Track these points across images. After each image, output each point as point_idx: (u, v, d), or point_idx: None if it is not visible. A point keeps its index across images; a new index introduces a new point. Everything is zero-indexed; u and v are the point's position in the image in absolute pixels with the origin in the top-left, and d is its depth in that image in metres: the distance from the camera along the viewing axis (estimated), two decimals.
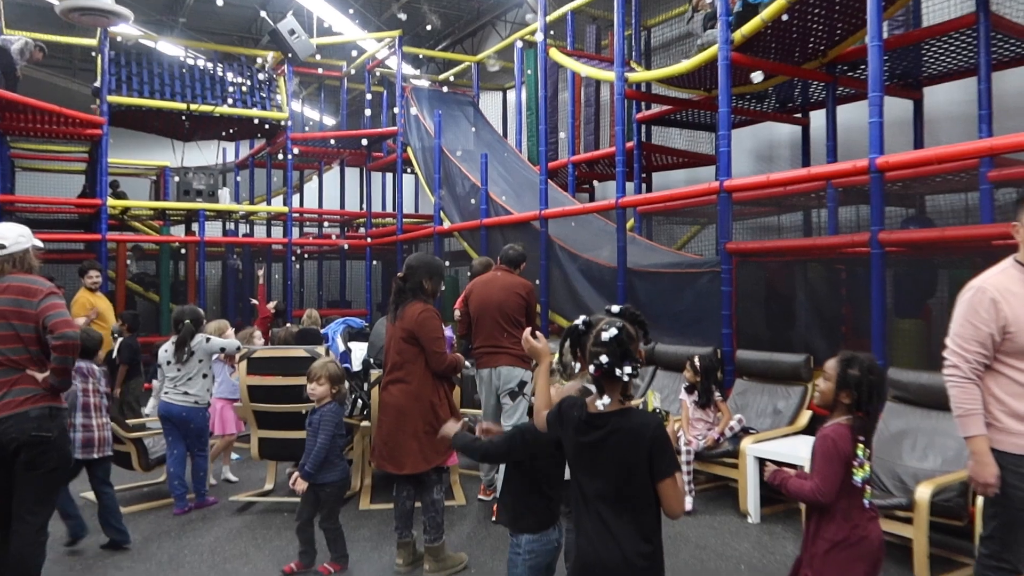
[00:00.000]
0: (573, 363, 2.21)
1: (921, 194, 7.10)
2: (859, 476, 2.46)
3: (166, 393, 5.26)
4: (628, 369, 2.05)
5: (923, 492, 3.71)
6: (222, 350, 5.42)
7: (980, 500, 3.56)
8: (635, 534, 2.11)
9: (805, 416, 5.25)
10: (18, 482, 3.35)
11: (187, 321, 5.27)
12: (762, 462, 4.79)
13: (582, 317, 2.18)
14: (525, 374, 5.10)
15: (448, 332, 4.91)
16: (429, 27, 13.32)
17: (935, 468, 4.10)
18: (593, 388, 2.14)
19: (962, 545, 4.00)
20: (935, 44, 6.49)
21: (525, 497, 2.72)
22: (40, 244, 3.61)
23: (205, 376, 5.29)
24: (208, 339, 5.34)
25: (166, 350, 5.34)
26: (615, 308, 2.18)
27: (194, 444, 5.28)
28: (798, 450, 4.72)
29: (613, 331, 2.05)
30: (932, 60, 6.91)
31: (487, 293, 5.32)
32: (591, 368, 2.08)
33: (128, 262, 12.38)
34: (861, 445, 2.48)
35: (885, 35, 6.42)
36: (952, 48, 6.53)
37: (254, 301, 10.11)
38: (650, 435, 2.09)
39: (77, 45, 12.11)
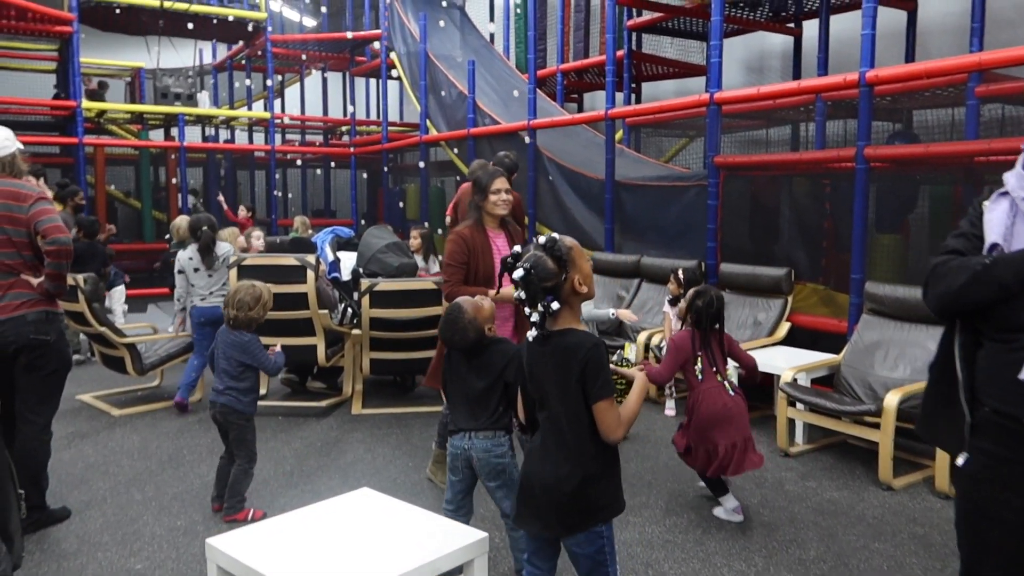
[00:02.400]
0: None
1: (909, 108, 7.09)
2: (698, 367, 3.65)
3: (202, 299, 5.41)
4: (540, 308, 2.07)
5: (891, 399, 3.89)
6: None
7: None
8: (568, 457, 2.12)
9: (784, 328, 5.41)
10: (20, 384, 3.43)
11: (204, 228, 5.37)
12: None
13: (515, 248, 2.20)
14: None
15: None
16: None
17: (904, 377, 4.28)
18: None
19: (923, 449, 4.24)
20: None
21: (484, 398, 2.79)
22: (22, 147, 3.58)
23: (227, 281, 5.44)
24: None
25: (191, 258, 5.46)
26: (542, 239, 2.14)
27: None
28: (775, 360, 4.89)
29: (520, 271, 2.06)
30: None
31: None
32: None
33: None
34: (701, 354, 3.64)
35: None
36: None
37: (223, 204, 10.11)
38: (583, 356, 2.06)
39: None
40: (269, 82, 12.02)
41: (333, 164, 14.08)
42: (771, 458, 4.44)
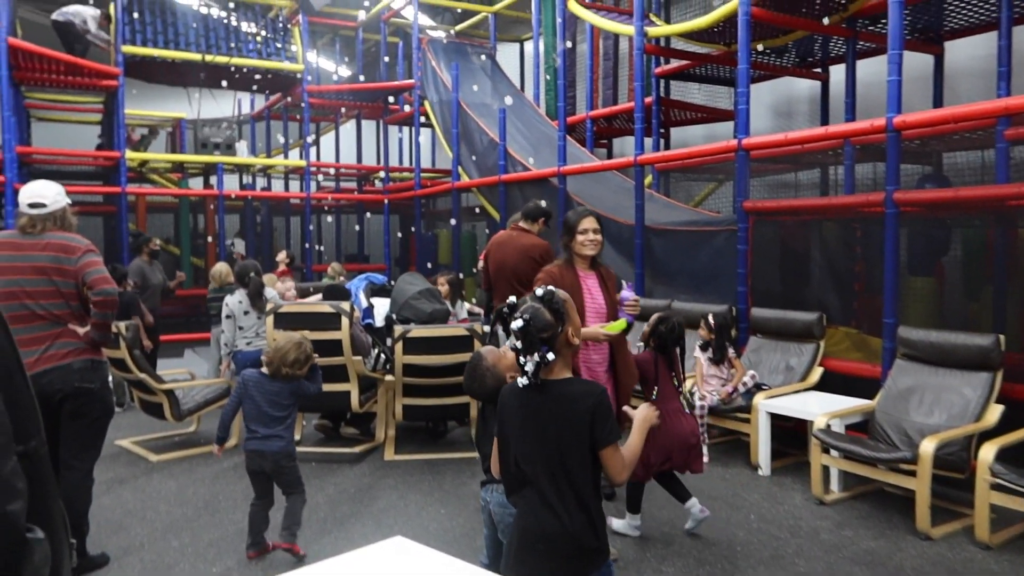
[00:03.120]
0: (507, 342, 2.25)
1: (938, 151, 7.09)
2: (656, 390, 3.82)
3: (247, 343, 5.70)
4: (536, 358, 2.10)
5: (927, 446, 3.84)
6: None
7: (981, 454, 3.71)
8: (574, 503, 2.13)
9: (817, 373, 5.37)
10: (64, 431, 3.53)
11: (252, 275, 5.64)
12: (774, 417, 4.96)
13: (511, 298, 2.28)
14: None
15: None
16: None
17: (940, 423, 4.22)
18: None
19: (963, 496, 4.16)
20: None
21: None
22: (70, 202, 3.74)
23: None
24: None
25: (240, 302, 5.76)
26: (540, 291, 2.21)
27: None
28: (808, 405, 4.86)
29: (519, 322, 2.11)
30: (954, 14, 6.84)
31: (502, 256, 5.29)
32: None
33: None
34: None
35: None
36: (974, 2, 6.46)
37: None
38: (591, 403, 2.11)
39: None
40: (305, 131, 12.35)
41: (368, 215, 14.34)
42: (806, 506, 4.38)
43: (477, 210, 10.65)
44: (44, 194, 3.54)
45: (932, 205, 5.27)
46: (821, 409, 4.67)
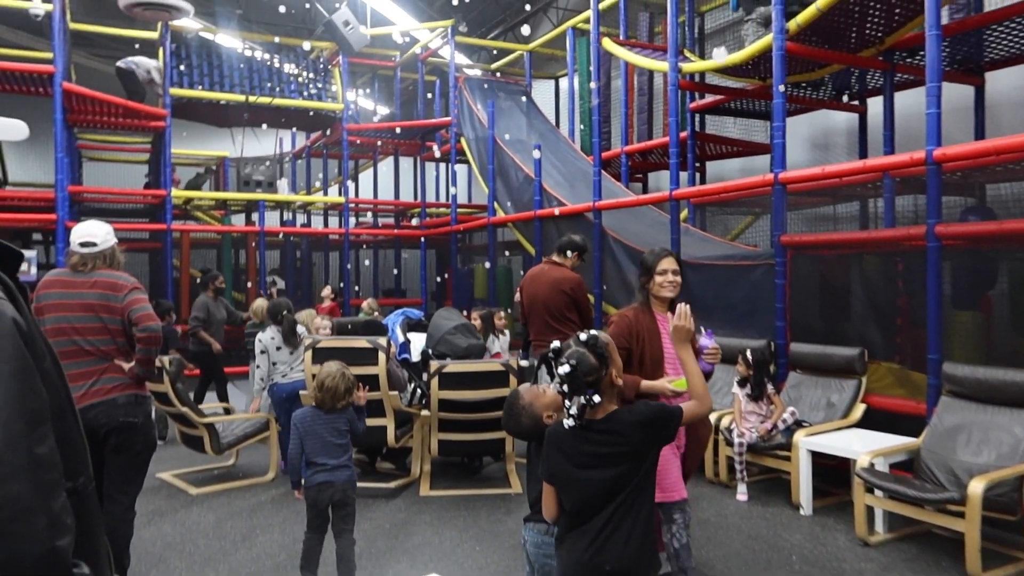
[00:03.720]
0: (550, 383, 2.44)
1: (981, 183, 6.97)
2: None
3: (283, 376, 5.81)
4: (583, 400, 2.21)
5: (976, 487, 3.73)
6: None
7: None
8: (630, 535, 2.20)
9: (859, 410, 5.26)
10: (108, 465, 3.60)
11: (285, 312, 5.82)
12: (816, 455, 4.86)
13: (555, 343, 2.35)
14: None
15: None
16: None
17: (989, 463, 4.10)
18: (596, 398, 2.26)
19: (1014, 539, 4.01)
20: (997, 29, 6.35)
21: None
22: (117, 240, 3.86)
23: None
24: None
25: (272, 338, 5.88)
26: (584, 336, 2.30)
27: None
28: (851, 443, 4.75)
29: (567, 367, 2.21)
30: (994, 45, 6.76)
31: (534, 289, 5.36)
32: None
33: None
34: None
35: (945, 20, 6.30)
36: (1015, 33, 6.39)
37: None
38: (641, 418, 2.27)
39: (138, 38, 12.54)
40: (344, 169, 12.59)
41: (405, 255, 14.51)
42: (850, 548, 4.27)
43: (507, 252, 10.73)
44: (95, 233, 3.66)
45: (976, 238, 5.17)
46: (864, 447, 4.57)
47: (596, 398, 2.22)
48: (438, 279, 14.98)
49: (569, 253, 5.37)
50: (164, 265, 10.84)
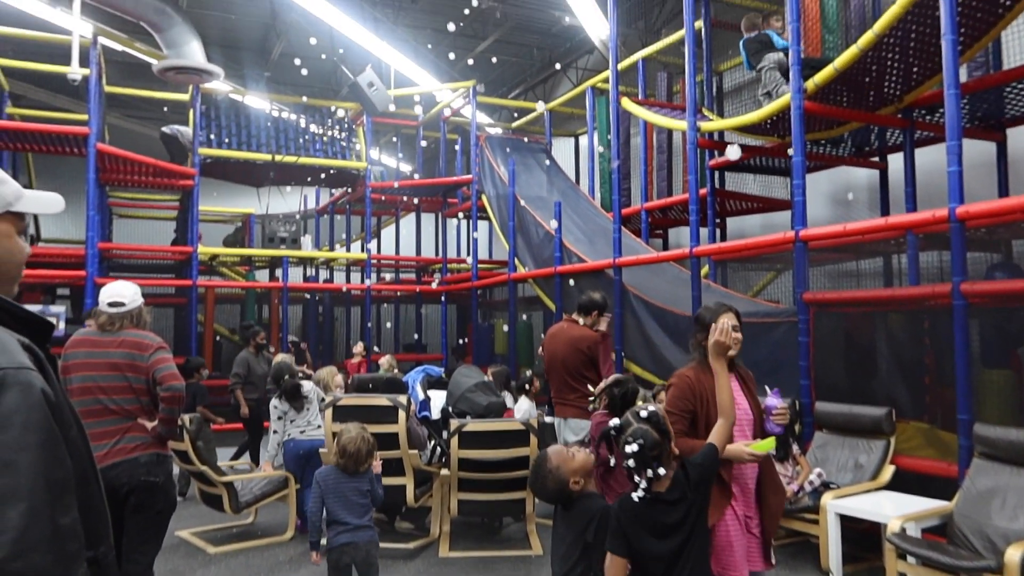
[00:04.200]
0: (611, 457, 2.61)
1: (1007, 239, 6.91)
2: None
3: (300, 432, 5.83)
4: (649, 473, 2.38)
5: (1013, 554, 3.60)
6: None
7: None
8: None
9: (888, 471, 5.13)
10: (128, 524, 3.59)
11: (286, 376, 5.83)
12: (845, 519, 4.73)
13: (613, 421, 2.52)
14: (582, 423, 5.14)
15: None
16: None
17: None
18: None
19: None
20: (1017, 87, 6.37)
21: (568, 553, 2.79)
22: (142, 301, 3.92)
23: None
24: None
25: (275, 407, 5.92)
26: (643, 412, 2.47)
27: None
28: (882, 507, 4.63)
29: (635, 447, 2.38)
30: (1015, 101, 6.77)
31: (554, 347, 5.43)
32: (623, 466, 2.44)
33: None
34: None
35: (964, 78, 6.34)
36: None
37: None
38: (698, 478, 2.50)
39: (170, 100, 12.93)
40: (367, 226, 12.76)
41: (424, 310, 14.62)
42: None
43: (526, 317, 10.74)
44: (123, 293, 3.73)
45: (1003, 296, 5.11)
46: (895, 511, 4.44)
47: (662, 471, 2.39)
48: (460, 340, 15.00)
49: (588, 312, 5.41)
50: (189, 320, 10.96)
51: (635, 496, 2.40)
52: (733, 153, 6.87)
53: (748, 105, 8.44)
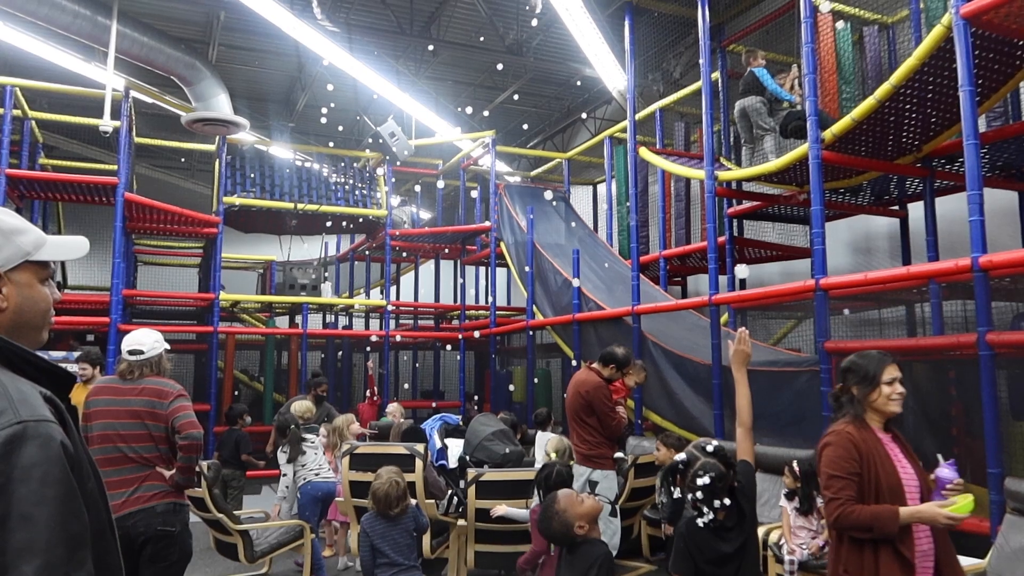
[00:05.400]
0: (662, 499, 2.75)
1: None
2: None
3: (316, 475, 5.97)
4: (717, 504, 2.55)
5: None
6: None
7: None
8: None
9: None
10: (142, 574, 3.57)
11: (292, 427, 5.96)
12: None
13: (680, 456, 2.66)
14: (590, 473, 5.09)
15: None
16: (525, 127, 13.85)
17: None
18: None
19: None
20: None
21: None
22: (168, 346, 3.95)
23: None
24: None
25: (284, 451, 6.05)
26: (709, 447, 2.63)
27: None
28: None
29: (707, 479, 2.56)
30: None
31: (569, 394, 5.50)
32: (689, 498, 2.57)
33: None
34: None
35: (983, 128, 6.34)
36: None
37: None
38: (747, 497, 2.73)
39: (197, 150, 13.21)
40: (387, 273, 12.85)
41: (449, 347, 14.60)
42: None
43: (545, 364, 10.70)
44: (143, 341, 3.77)
45: None
46: None
47: (727, 501, 2.58)
48: (475, 397, 14.93)
49: (607, 365, 5.42)
50: (209, 366, 11.01)
51: (700, 523, 2.59)
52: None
53: (765, 154, 8.47)
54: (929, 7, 7.05)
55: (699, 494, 2.56)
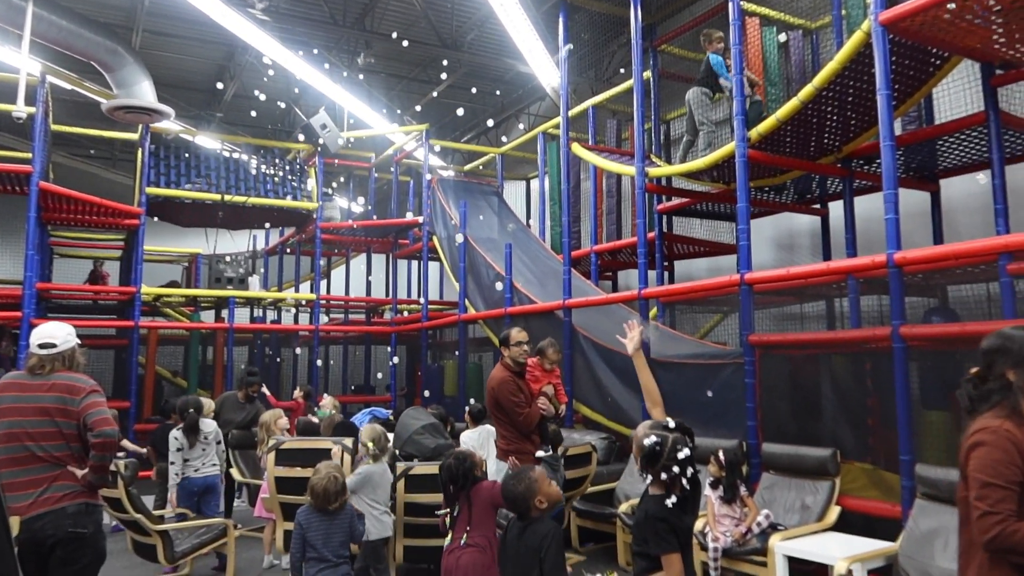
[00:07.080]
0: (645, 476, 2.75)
1: (943, 284, 7.13)
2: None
3: (195, 471, 5.95)
4: (689, 473, 2.66)
5: None
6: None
7: None
8: None
9: (834, 512, 5.18)
10: None
11: (191, 410, 5.98)
12: (792, 560, 4.75)
13: (649, 440, 2.70)
14: (500, 466, 4.92)
15: None
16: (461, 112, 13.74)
17: None
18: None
19: None
20: (949, 140, 6.65)
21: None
22: (79, 341, 3.77)
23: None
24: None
25: (176, 438, 5.97)
26: (671, 423, 2.75)
27: (213, 507, 6.17)
28: (828, 548, 4.66)
29: (686, 451, 2.66)
30: (947, 154, 7.06)
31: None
32: (663, 476, 2.64)
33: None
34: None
35: (899, 131, 6.60)
36: (965, 143, 6.69)
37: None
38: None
39: (118, 139, 12.70)
40: (317, 266, 12.61)
41: (373, 351, 14.46)
42: None
43: (477, 361, 10.70)
44: (55, 335, 3.59)
45: (940, 339, 5.25)
46: (841, 552, 4.48)
47: (700, 468, 2.82)
48: (405, 391, 14.79)
49: (503, 346, 5.07)
50: (129, 362, 10.62)
51: (669, 503, 2.62)
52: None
53: (696, 151, 8.65)
54: (851, 14, 7.30)
55: (676, 468, 2.62)
